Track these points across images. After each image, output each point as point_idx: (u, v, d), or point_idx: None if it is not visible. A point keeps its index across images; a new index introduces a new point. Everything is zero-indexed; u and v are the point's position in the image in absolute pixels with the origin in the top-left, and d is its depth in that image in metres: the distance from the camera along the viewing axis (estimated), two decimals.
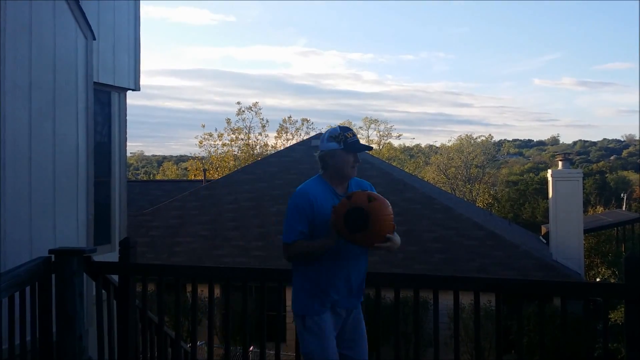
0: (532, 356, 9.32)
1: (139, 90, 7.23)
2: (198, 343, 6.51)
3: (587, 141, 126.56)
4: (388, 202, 3.27)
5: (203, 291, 4.43)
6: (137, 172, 71.06)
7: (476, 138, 40.74)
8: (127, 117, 7.24)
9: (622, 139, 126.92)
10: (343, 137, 3.34)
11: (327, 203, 3.29)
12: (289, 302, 5.17)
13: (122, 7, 6.88)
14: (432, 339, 4.01)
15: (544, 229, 19.45)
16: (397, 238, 3.28)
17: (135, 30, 7.10)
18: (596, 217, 23.12)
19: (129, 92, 7.20)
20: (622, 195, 32.11)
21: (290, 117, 37.23)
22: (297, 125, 36.98)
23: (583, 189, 31.04)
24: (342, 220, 3.12)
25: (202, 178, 24.31)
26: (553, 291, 4.34)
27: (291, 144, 27.77)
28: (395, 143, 45.94)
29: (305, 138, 24.32)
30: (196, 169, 33.27)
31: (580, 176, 16.46)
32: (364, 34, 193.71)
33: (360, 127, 44.84)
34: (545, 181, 21.54)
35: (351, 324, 3.48)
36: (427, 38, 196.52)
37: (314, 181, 3.42)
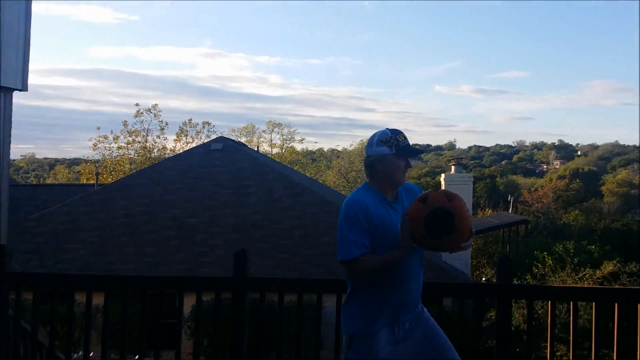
0: None
1: (26, 90, 6.83)
2: (80, 353, 6.24)
3: (481, 146, 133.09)
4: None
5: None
6: (27, 175, 67.27)
7: None
8: (17, 119, 6.83)
9: (513, 145, 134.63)
10: (394, 140, 3.06)
11: (379, 211, 3.00)
12: (186, 310, 5.04)
13: (11, 4, 6.48)
14: (335, 340, 4.08)
15: None
16: None
17: (26, 28, 6.70)
18: (485, 219, 24.36)
19: (19, 93, 6.80)
20: (509, 198, 33.99)
21: (190, 119, 36.55)
22: (198, 128, 36.38)
23: (474, 193, 32.49)
24: (422, 227, 2.80)
25: (95, 182, 23.39)
26: (431, 291, 4.51)
27: (191, 147, 27.28)
28: (298, 147, 46.17)
29: (205, 141, 23.94)
30: (89, 173, 31.94)
31: (471, 180, 17.27)
32: (271, 37, 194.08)
33: (264, 131, 44.74)
34: (440, 185, 22.41)
35: (423, 324, 3.19)
36: (334, 43, 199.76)
37: (362, 190, 3.12)
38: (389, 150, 3.04)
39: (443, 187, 16.88)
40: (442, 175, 17.58)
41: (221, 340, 4.41)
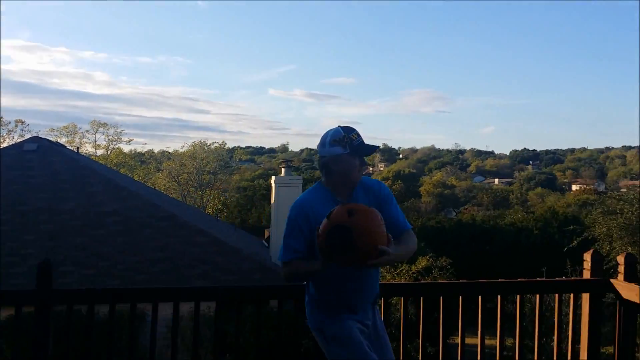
0: (247, 356, 9.66)
1: None
2: None
3: (313, 149, 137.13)
4: (375, 210, 2.90)
5: None
6: None
7: (210, 144, 41.24)
8: None
9: None
10: (348, 139, 2.98)
11: (325, 213, 2.89)
12: None
13: None
14: (149, 351, 3.92)
15: (267, 233, 20.46)
16: (400, 247, 2.99)
17: None
18: None
19: None
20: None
21: (0, 117, 33.39)
22: (10, 127, 33.35)
23: None
24: (324, 242, 2.79)
25: None
26: (263, 294, 4.53)
27: (1, 147, 24.87)
28: (126, 148, 44.25)
29: (18, 141, 21.97)
30: None
31: (300, 182, 17.60)
32: (97, 31, 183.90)
33: (87, 131, 42.22)
34: (270, 187, 22.64)
35: (373, 330, 3.20)
36: (166, 41, 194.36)
37: (313, 190, 3.10)
38: (343, 149, 2.98)
39: (273, 189, 17.06)
40: (273, 177, 17.78)
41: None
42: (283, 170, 17.72)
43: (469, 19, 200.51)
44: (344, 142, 2.99)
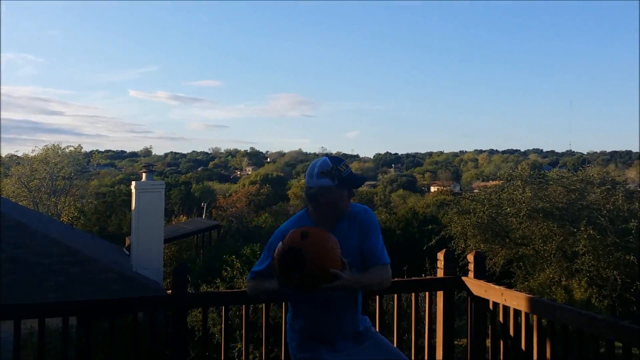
0: None
1: None
2: None
3: (178, 153, 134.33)
4: (330, 235, 2.79)
5: None
6: None
7: (64, 148, 38.83)
8: None
9: (209, 152, 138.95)
10: (336, 171, 2.91)
11: None
12: None
13: None
14: None
15: (128, 241, 19.58)
16: (362, 276, 2.88)
17: None
18: (179, 226, 24.39)
19: None
20: (202, 204, 34.70)
21: None
22: None
23: (169, 200, 32.17)
24: (277, 264, 2.76)
25: None
26: (114, 307, 4.24)
27: None
28: None
29: None
30: None
31: (163, 187, 17.04)
32: None
33: None
34: (131, 193, 21.71)
35: (365, 338, 3.13)
36: (13, 37, 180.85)
37: (298, 218, 3.07)
38: (332, 182, 2.91)
39: (133, 195, 16.32)
40: (133, 183, 17.03)
41: None
42: (144, 175, 17.05)
43: (332, 26, 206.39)
44: (333, 173, 2.94)
